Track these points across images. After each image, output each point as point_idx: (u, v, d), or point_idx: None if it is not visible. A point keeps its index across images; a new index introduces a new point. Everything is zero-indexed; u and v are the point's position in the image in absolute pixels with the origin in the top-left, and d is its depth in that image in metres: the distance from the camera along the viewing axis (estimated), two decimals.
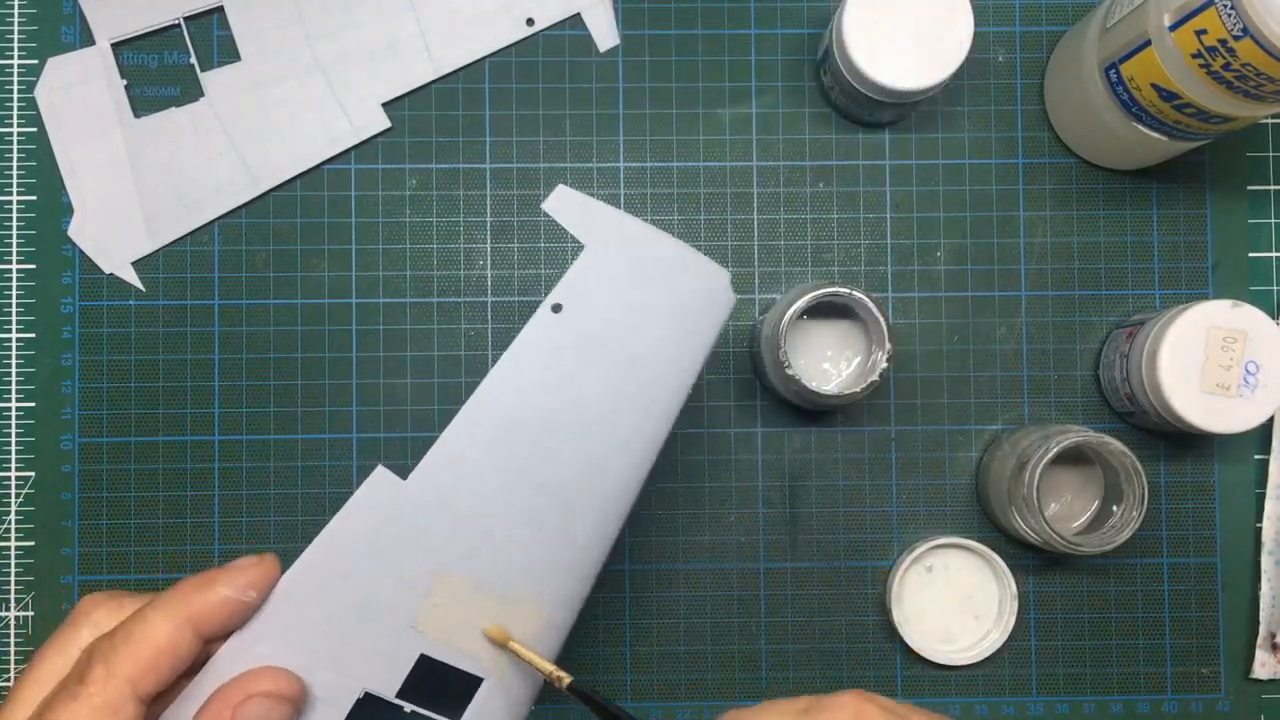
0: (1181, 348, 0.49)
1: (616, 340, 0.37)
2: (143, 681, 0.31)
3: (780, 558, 0.55)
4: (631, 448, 0.37)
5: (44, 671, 0.33)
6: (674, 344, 0.37)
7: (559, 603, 0.37)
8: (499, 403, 0.36)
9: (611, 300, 0.37)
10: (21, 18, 0.55)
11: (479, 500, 0.36)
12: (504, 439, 0.36)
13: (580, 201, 0.37)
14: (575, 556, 0.37)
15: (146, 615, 0.32)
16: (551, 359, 0.36)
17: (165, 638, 0.32)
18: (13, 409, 0.54)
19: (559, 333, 0.36)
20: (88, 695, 0.30)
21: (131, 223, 0.55)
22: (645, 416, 0.37)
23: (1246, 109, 0.45)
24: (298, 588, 0.34)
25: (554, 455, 0.36)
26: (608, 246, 0.37)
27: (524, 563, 0.36)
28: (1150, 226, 0.56)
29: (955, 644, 0.54)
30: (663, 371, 0.37)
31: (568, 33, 0.56)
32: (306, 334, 0.55)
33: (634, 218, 0.37)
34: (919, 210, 0.56)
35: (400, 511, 0.35)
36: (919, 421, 0.55)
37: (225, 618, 0.33)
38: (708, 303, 0.38)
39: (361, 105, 0.55)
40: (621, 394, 0.37)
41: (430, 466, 0.35)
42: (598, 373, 0.37)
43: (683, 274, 0.38)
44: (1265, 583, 0.54)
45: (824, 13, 0.56)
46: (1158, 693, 0.55)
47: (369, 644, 0.35)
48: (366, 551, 0.35)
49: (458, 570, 0.35)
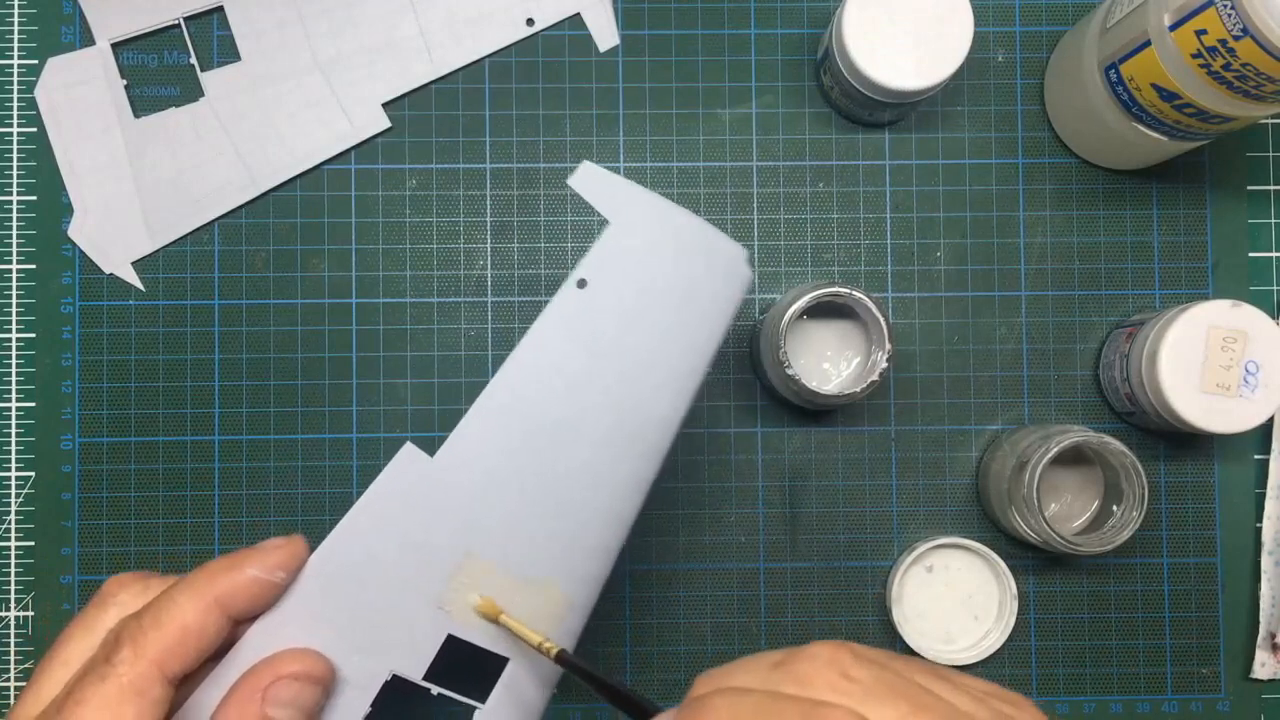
0: (1181, 348, 0.49)
1: (641, 315, 0.37)
2: (171, 663, 0.31)
3: (780, 558, 0.55)
4: (654, 424, 0.37)
5: (70, 652, 0.32)
6: (695, 319, 0.37)
7: (581, 583, 0.36)
8: (524, 379, 0.36)
9: (637, 276, 0.37)
10: (21, 18, 0.55)
11: (503, 478, 0.36)
12: (529, 415, 0.36)
13: (605, 178, 0.37)
14: (596, 536, 0.37)
15: (174, 596, 0.32)
16: (577, 334, 0.36)
17: (193, 619, 0.31)
18: (13, 409, 0.54)
19: (585, 308, 0.36)
20: (116, 676, 0.30)
21: (131, 223, 0.55)
22: (667, 391, 0.37)
23: (1246, 109, 0.45)
24: (326, 568, 0.34)
25: (579, 432, 0.36)
26: (633, 222, 0.37)
27: (547, 542, 0.36)
28: (1150, 226, 0.56)
29: (955, 644, 0.54)
30: (684, 347, 0.37)
31: (568, 33, 0.56)
32: (306, 334, 0.55)
33: (657, 194, 0.37)
34: (919, 210, 0.56)
35: (427, 489, 0.35)
36: (919, 421, 0.55)
37: (253, 599, 0.33)
38: (727, 279, 0.38)
39: (361, 105, 0.55)
40: (646, 368, 0.37)
41: (456, 443, 0.35)
42: (624, 348, 0.36)
43: (704, 249, 0.37)
44: (1265, 583, 0.54)
45: (824, 13, 0.56)
46: (1158, 693, 0.55)
47: (396, 624, 0.35)
48: (394, 531, 0.35)
49: (482, 549, 0.35)
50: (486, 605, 0.35)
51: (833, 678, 0.27)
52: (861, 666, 0.27)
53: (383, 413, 0.55)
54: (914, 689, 0.27)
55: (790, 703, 0.26)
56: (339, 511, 0.54)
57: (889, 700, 0.26)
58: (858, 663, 0.27)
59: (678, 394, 0.37)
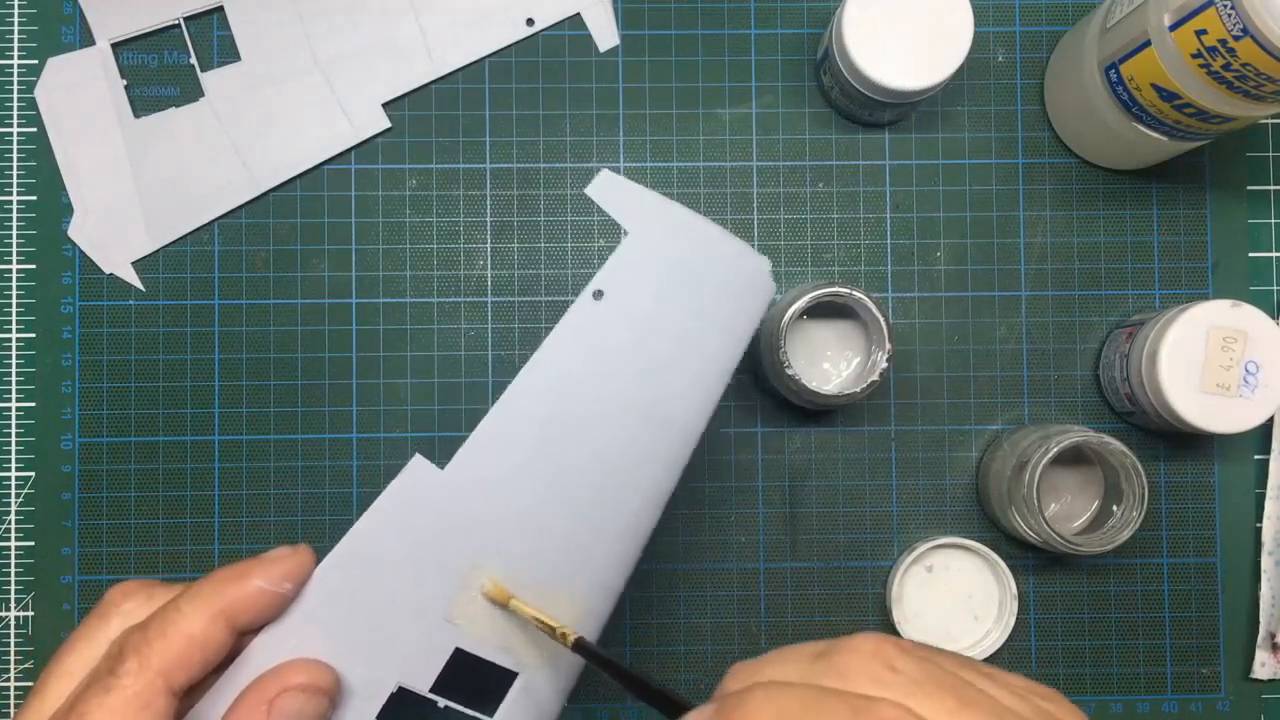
0: (1181, 348, 0.49)
1: (658, 327, 0.36)
2: (176, 674, 0.30)
3: (780, 558, 0.55)
4: (671, 437, 0.36)
5: (73, 662, 0.32)
6: (715, 331, 0.37)
7: (596, 595, 0.36)
8: (538, 391, 0.35)
9: (654, 287, 0.36)
10: (21, 18, 0.55)
11: (517, 491, 0.35)
12: (543, 427, 0.35)
13: (624, 186, 0.36)
14: (613, 547, 0.36)
15: (179, 606, 0.31)
16: (592, 346, 0.36)
17: (199, 629, 0.31)
18: (13, 409, 0.54)
19: (600, 320, 0.36)
20: (120, 688, 0.30)
21: (131, 223, 0.55)
22: (685, 405, 0.36)
23: (1246, 109, 0.45)
24: (332, 579, 0.34)
25: (594, 444, 0.35)
26: (651, 232, 0.36)
27: (561, 554, 0.35)
28: (1150, 226, 0.56)
29: (955, 644, 0.54)
30: (704, 360, 0.36)
31: (568, 33, 0.56)
32: (306, 334, 0.55)
33: (677, 203, 0.36)
34: (919, 210, 0.56)
35: (437, 501, 0.34)
36: (919, 421, 0.55)
37: (259, 610, 0.32)
38: (748, 290, 0.37)
39: (361, 105, 0.55)
40: (663, 382, 0.36)
41: (468, 455, 0.35)
42: (640, 360, 0.36)
43: (725, 261, 0.37)
44: (1265, 583, 0.54)
45: (824, 13, 0.56)
46: (1158, 693, 0.55)
47: (404, 637, 0.34)
48: (402, 542, 0.34)
49: (494, 561, 0.35)
50: (497, 591, 0.34)
51: (877, 670, 0.26)
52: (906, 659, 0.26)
53: (383, 413, 0.55)
54: (959, 683, 0.26)
55: (836, 697, 0.25)
56: (339, 511, 0.55)
57: (936, 694, 0.25)
58: (902, 655, 0.26)
59: (697, 407, 0.36)
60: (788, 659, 0.27)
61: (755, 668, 0.28)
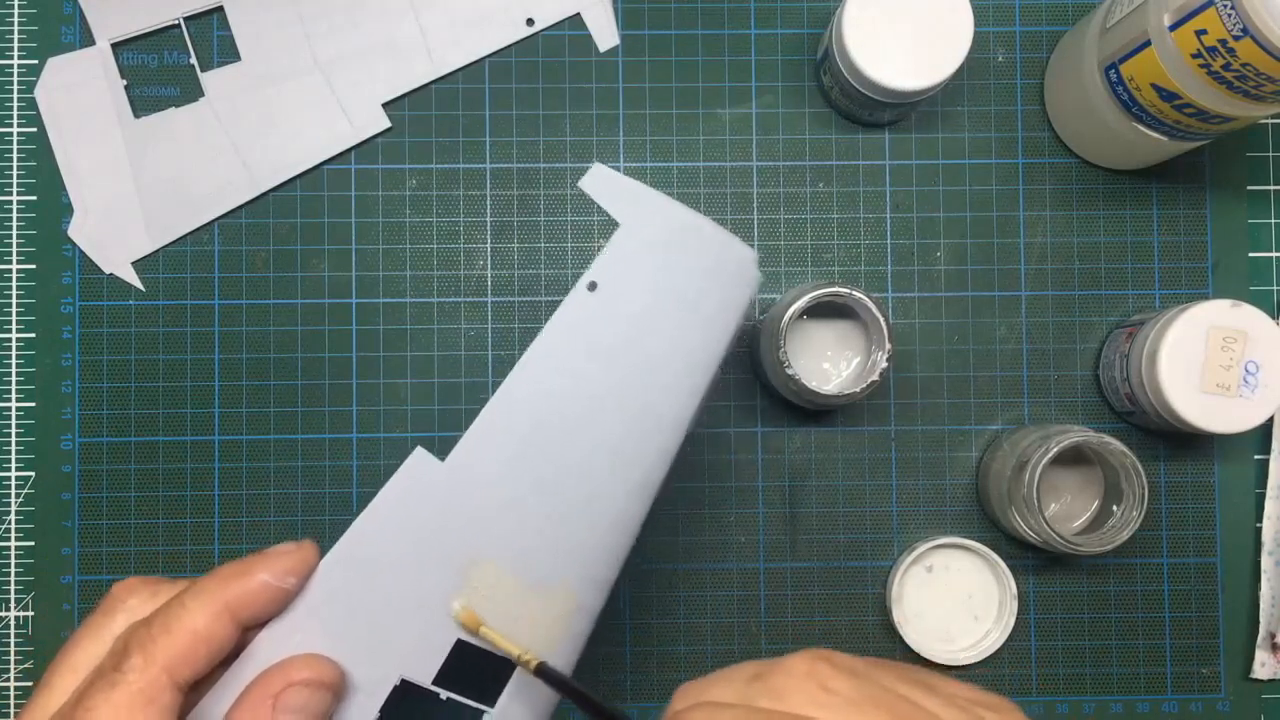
0: (1181, 348, 0.49)
1: (652, 318, 0.37)
2: (181, 669, 0.31)
3: (780, 558, 0.55)
4: (663, 427, 0.37)
5: (79, 658, 0.32)
6: (705, 321, 0.37)
7: (590, 586, 0.36)
8: (535, 382, 0.36)
9: (647, 278, 0.37)
10: (21, 18, 0.55)
11: (513, 481, 0.35)
12: (539, 419, 0.36)
13: (616, 180, 0.37)
14: (605, 540, 0.36)
15: (184, 602, 0.32)
16: (587, 338, 0.36)
17: (203, 625, 0.31)
18: (13, 409, 0.54)
19: (595, 311, 0.36)
20: (125, 683, 0.30)
21: (131, 223, 0.55)
22: (677, 392, 0.37)
23: (1246, 109, 0.45)
24: (335, 573, 0.34)
25: (588, 435, 0.36)
26: (643, 224, 0.37)
27: (556, 547, 0.36)
28: (1150, 226, 0.56)
29: (955, 644, 0.54)
30: (694, 349, 0.37)
31: (568, 33, 0.56)
32: (306, 334, 0.55)
33: (667, 196, 0.37)
34: (919, 210, 0.56)
35: (438, 494, 0.35)
36: (919, 421, 0.55)
37: (264, 605, 0.33)
38: (737, 281, 0.38)
39: (361, 105, 0.55)
40: (656, 370, 0.36)
41: (466, 447, 0.35)
42: (634, 350, 0.36)
43: (714, 251, 0.37)
44: (1265, 583, 0.54)
45: (824, 13, 0.56)
46: (1158, 693, 0.55)
47: (406, 630, 0.35)
48: (404, 536, 0.35)
49: (493, 554, 0.35)
50: (467, 617, 0.35)
51: (812, 690, 0.27)
52: (841, 678, 0.27)
53: (383, 413, 0.55)
54: (895, 699, 0.27)
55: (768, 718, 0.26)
56: (339, 511, 0.55)
57: (870, 712, 0.26)
58: (837, 674, 0.27)
59: (687, 395, 0.37)
60: (729, 679, 0.28)
61: (700, 688, 0.29)
